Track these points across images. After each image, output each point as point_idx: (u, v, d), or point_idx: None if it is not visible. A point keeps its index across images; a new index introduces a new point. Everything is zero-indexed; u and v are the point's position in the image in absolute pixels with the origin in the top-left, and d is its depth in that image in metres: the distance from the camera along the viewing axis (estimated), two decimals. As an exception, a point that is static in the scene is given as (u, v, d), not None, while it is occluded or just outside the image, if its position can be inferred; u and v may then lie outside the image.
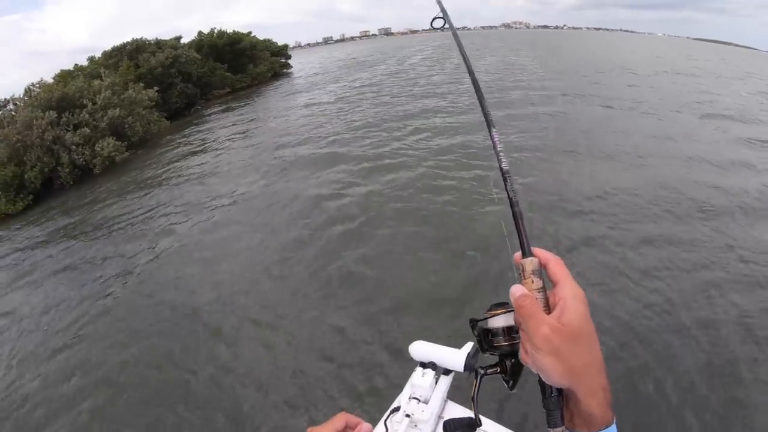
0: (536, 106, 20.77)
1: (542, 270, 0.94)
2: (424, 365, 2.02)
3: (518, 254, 0.98)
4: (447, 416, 1.94)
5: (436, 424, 1.91)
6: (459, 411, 1.99)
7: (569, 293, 0.86)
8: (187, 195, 15.83)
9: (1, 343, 9.28)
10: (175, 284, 10.04)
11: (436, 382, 1.99)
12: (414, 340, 2.14)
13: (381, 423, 1.90)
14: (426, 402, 1.92)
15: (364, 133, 19.09)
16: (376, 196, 12.37)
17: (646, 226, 9.49)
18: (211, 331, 7.97)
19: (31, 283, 11.98)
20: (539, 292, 0.91)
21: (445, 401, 2.02)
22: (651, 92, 24.27)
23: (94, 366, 7.64)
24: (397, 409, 1.93)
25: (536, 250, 0.97)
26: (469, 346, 1.97)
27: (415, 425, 1.87)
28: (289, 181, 14.86)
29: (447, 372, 2.02)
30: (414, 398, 1.94)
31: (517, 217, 1.03)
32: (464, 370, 1.92)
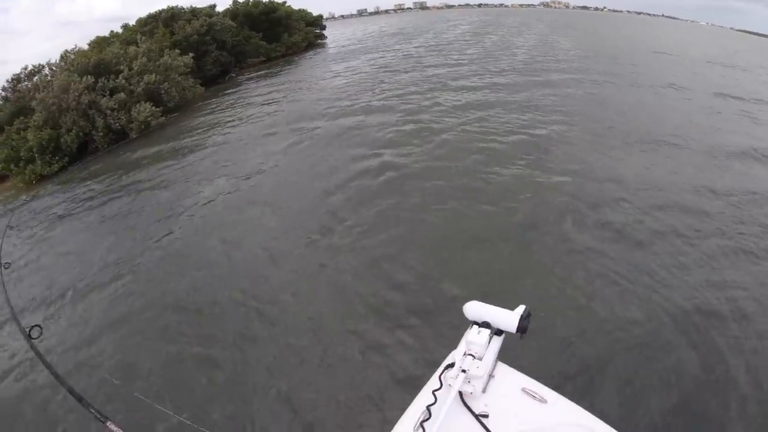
0: (576, 87, 19.42)
1: None
2: (478, 324, 2.10)
3: None
4: (497, 376, 2.05)
5: (487, 382, 2.00)
6: (509, 372, 2.09)
7: None
8: (223, 156, 15.66)
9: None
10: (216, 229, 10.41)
11: (489, 342, 2.05)
12: (470, 299, 2.19)
13: (435, 377, 2.01)
14: (480, 359, 1.98)
15: (397, 101, 18.51)
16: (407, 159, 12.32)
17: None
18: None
19: (74, 230, 12.63)
20: None
21: (496, 361, 2.09)
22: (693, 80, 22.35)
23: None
24: (452, 365, 1.99)
25: None
26: (522, 308, 2.06)
27: (469, 381, 1.93)
28: (328, 146, 14.42)
29: (499, 333, 2.09)
30: (469, 354, 2.00)
31: None
32: (516, 331, 2.02)
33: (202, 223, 10.98)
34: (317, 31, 46.64)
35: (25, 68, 25.40)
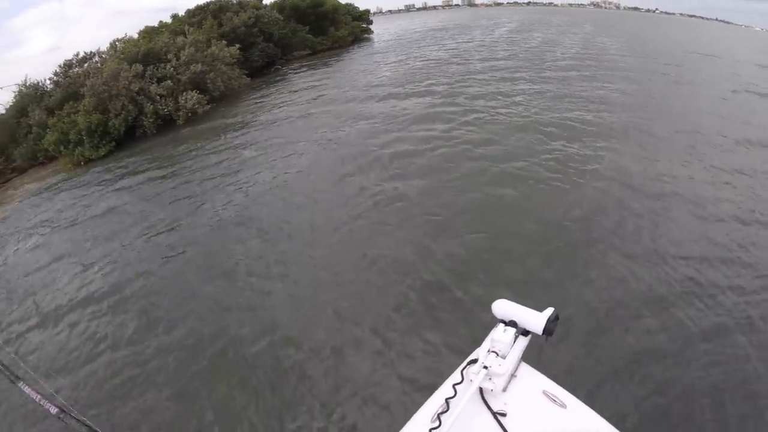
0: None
1: None
2: (505, 323, 2.11)
3: None
4: (519, 376, 2.06)
5: (508, 382, 2.02)
6: (531, 373, 2.09)
7: None
8: (267, 142, 15.84)
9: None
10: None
11: (514, 342, 2.05)
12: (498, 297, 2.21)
13: (458, 371, 2.05)
14: (504, 357, 2.00)
15: (445, 97, 18.10)
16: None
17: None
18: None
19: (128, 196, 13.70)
20: None
21: (520, 361, 2.09)
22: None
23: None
24: (475, 360, 2.02)
25: None
26: (550, 310, 2.06)
27: (490, 378, 1.96)
28: (370, 136, 14.40)
29: (525, 333, 2.09)
30: (493, 352, 2.02)
31: None
32: (542, 333, 2.02)
33: (252, 198, 11.40)
34: (364, 25, 46.47)
35: (77, 55, 26.12)
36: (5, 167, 21.38)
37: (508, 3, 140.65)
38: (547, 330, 2.01)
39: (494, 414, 1.90)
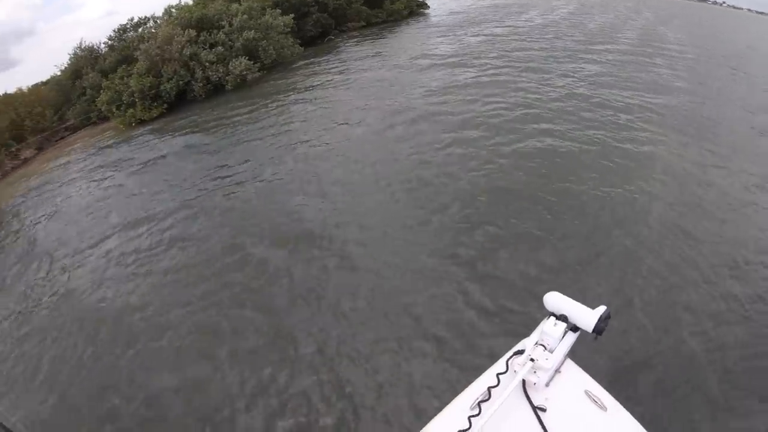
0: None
1: None
2: (556, 316, 2.06)
3: None
4: (564, 372, 2.04)
5: (552, 377, 1.99)
6: (576, 371, 2.07)
7: None
8: (316, 111, 15.61)
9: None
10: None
11: (563, 336, 2.02)
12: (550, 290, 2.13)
13: (502, 360, 2.07)
14: (551, 352, 1.96)
15: (503, 72, 17.46)
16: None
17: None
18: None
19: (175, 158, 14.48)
20: None
21: (566, 357, 2.06)
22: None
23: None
24: (521, 351, 2.03)
25: None
26: (602, 308, 1.99)
27: (535, 371, 1.93)
28: (426, 116, 13.56)
29: (575, 329, 2.04)
30: (541, 345, 1.98)
31: None
32: (592, 331, 1.97)
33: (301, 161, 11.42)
34: (420, 0, 45.38)
35: (132, 20, 26.51)
36: (59, 126, 22.01)
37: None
38: (598, 329, 1.95)
39: (534, 408, 1.90)
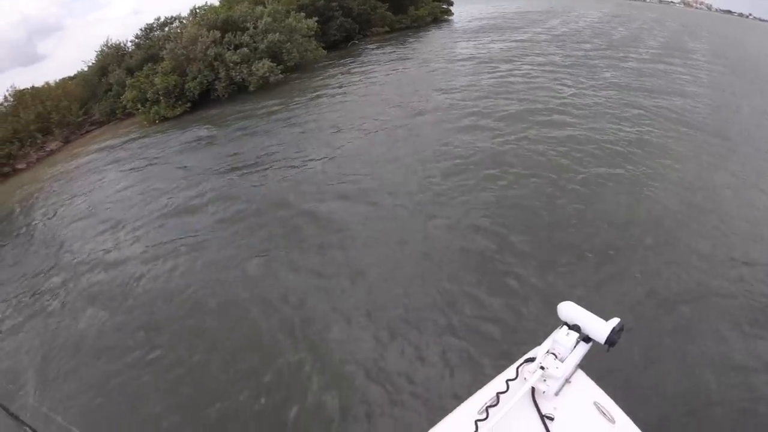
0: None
1: None
2: (569, 326, 2.08)
3: None
4: (574, 382, 2.07)
5: (562, 386, 2.03)
6: (586, 382, 2.10)
7: None
8: (335, 115, 16.01)
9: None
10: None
11: (575, 346, 2.03)
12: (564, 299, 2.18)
13: (512, 367, 2.09)
14: (562, 361, 1.98)
15: (526, 80, 17.72)
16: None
17: None
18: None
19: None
20: None
21: (577, 367, 2.08)
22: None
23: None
24: (532, 359, 2.05)
25: None
26: (615, 320, 2.01)
27: (545, 380, 1.95)
28: (446, 123, 13.90)
29: (587, 340, 2.06)
30: (552, 353, 2.01)
31: None
32: (605, 343, 1.99)
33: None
34: (444, 6, 45.77)
35: (158, 19, 27.37)
36: (85, 120, 22.77)
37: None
38: (610, 340, 1.97)
39: (542, 416, 1.93)
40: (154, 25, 27.13)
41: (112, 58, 25.57)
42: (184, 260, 8.60)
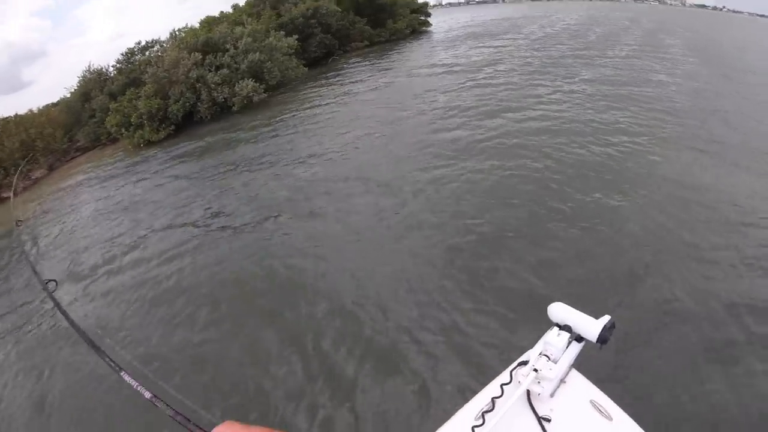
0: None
1: None
2: (560, 327, 2.10)
3: None
4: (569, 382, 2.08)
5: (557, 387, 2.02)
6: (581, 381, 2.11)
7: None
8: (319, 131, 16.29)
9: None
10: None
11: (567, 347, 2.04)
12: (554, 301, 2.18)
13: (506, 372, 2.08)
14: (555, 362, 1.99)
15: (503, 88, 17.98)
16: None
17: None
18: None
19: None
20: None
21: (571, 367, 2.10)
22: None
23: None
24: (525, 362, 2.02)
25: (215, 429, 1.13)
26: (606, 318, 2.03)
27: (539, 382, 1.96)
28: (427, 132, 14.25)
29: (579, 339, 2.07)
30: (544, 355, 2.02)
31: None
32: (596, 341, 2.00)
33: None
34: (422, 18, 46.66)
35: (139, 43, 27.71)
36: (70, 146, 23.00)
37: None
38: (602, 338, 1.99)
39: (539, 418, 1.94)
40: (135, 50, 27.41)
41: (94, 83, 25.87)
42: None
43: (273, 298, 7.39)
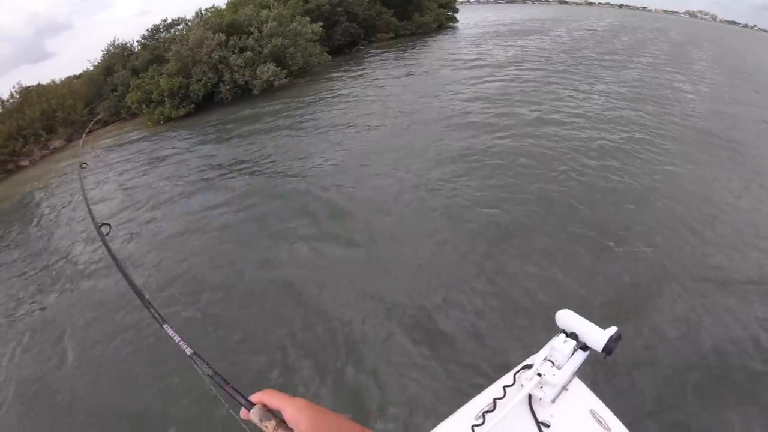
0: None
1: (267, 410, 1.04)
2: (566, 334, 2.13)
3: (243, 411, 1.07)
4: (571, 390, 2.12)
5: (559, 393, 2.05)
6: (583, 390, 2.16)
7: (293, 410, 0.99)
8: (338, 118, 16.27)
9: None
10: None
11: (572, 354, 2.07)
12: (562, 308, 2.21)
13: (510, 374, 2.15)
14: (559, 368, 2.02)
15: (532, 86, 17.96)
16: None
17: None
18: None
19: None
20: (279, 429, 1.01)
21: (574, 375, 2.13)
22: None
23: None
24: (530, 366, 2.08)
25: (253, 396, 1.07)
26: (613, 329, 2.04)
27: (541, 386, 2.00)
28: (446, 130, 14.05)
29: (585, 348, 2.10)
30: (549, 360, 2.05)
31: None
32: (602, 351, 2.01)
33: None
34: (449, 13, 46.28)
35: (165, 20, 27.82)
36: (89, 119, 23.19)
37: (600, 3, 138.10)
38: (608, 348, 2.01)
39: (538, 423, 1.98)
40: (161, 27, 27.59)
41: (117, 58, 26.04)
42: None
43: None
